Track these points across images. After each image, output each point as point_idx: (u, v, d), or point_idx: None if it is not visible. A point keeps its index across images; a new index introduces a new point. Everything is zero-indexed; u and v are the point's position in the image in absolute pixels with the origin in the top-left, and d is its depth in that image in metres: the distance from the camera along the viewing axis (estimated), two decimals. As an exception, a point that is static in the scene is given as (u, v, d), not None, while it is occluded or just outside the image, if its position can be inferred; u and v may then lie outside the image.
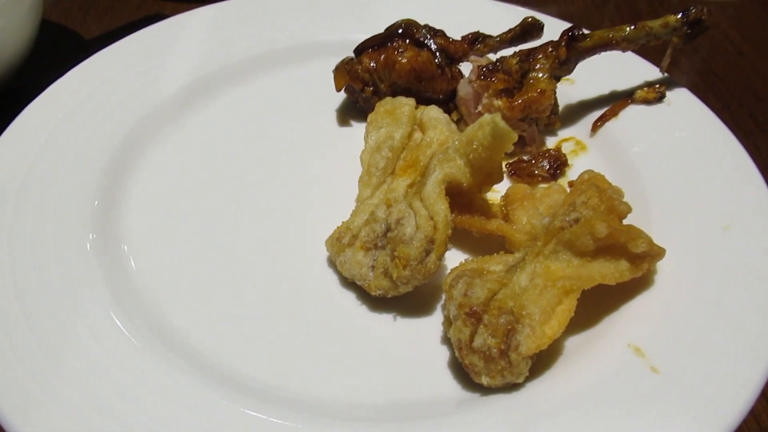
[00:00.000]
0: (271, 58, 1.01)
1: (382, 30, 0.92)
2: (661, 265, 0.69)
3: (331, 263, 0.73)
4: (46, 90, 0.87)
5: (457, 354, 0.62)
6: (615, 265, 0.64)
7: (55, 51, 1.14)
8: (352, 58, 0.92)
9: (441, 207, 0.66)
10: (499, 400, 0.61)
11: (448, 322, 0.64)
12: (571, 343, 0.65)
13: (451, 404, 0.62)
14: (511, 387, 0.61)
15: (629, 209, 0.67)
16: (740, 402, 0.57)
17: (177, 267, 0.73)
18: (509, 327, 0.59)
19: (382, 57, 0.89)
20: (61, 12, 1.25)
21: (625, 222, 0.68)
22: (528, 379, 0.61)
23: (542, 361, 0.63)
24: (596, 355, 0.63)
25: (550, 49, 0.87)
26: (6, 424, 0.55)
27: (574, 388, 0.60)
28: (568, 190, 0.74)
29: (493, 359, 0.59)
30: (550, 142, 0.91)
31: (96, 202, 0.77)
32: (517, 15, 0.96)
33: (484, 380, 0.60)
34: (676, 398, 0.58)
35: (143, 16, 1.25)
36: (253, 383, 0.62)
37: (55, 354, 0.60)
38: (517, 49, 0.90)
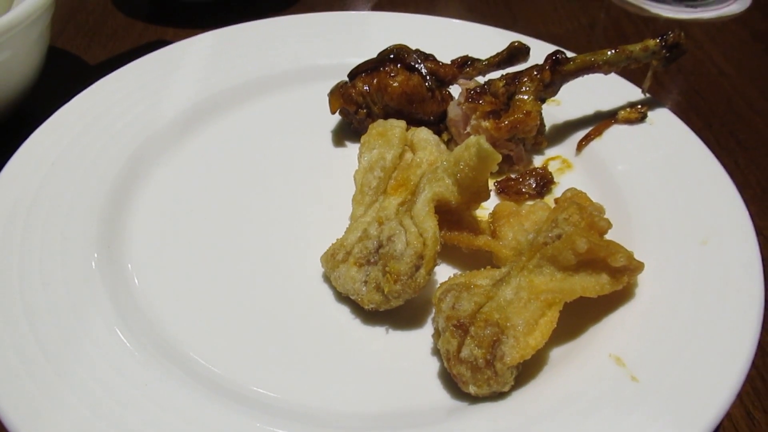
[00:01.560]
0: (269, 81, 1.04)
1: (375, 55, 0.96)
2: (642, 279, 0.72)
3: (326, 279, 0.76)
4: (53, 115, 0.90)
5: (445, 364, 0.64)
6: (596, 278, 0.67)
7: (61, 77, 1.17)
8: (346, 82, 0.95)
9: (430, 224, 0.69)
10: (487, 409, 0.63)
11: (437, 334, 0.67)
12: (555, 353, 0.68)
13: (441, 413, 0.64)
14: (498, 396, 0.64)
15: (609, 225, 0.70)
16: (715, 409, 0.60)
17: (178, 284, 0.76)
18: (494, 338, 0.62)
19: (375, 81, 0.93)
20: (66, 39, 1.28)
21: (607, 237, 0.71)
22: (514, 387, 0.64)
23: (527, 370, 0.66)
24: (579, 365, 0.66)
25: (535, 73, 0.90)
26: (16, 434, 0.57)
27: (557, 397, 0.63)
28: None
29: (479, 369, 0.62)
30: (538, 161, 0.94)
31: (101, 223, 0.79)
32: (505, 38, 1.00)
33: (472, 389, 0.63)
34: (655, 405, 0.61)
35: (146, 43, 1.28)
36: (250, 393, 0.65)
37: (62, 367, 0.63)
38: (504, 72, 0.94)
